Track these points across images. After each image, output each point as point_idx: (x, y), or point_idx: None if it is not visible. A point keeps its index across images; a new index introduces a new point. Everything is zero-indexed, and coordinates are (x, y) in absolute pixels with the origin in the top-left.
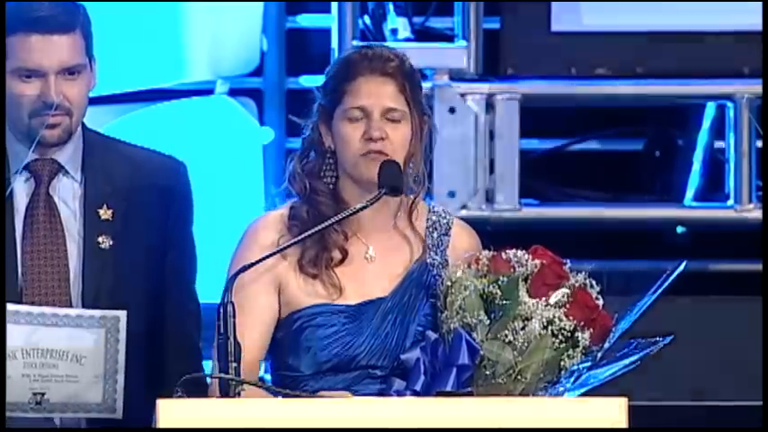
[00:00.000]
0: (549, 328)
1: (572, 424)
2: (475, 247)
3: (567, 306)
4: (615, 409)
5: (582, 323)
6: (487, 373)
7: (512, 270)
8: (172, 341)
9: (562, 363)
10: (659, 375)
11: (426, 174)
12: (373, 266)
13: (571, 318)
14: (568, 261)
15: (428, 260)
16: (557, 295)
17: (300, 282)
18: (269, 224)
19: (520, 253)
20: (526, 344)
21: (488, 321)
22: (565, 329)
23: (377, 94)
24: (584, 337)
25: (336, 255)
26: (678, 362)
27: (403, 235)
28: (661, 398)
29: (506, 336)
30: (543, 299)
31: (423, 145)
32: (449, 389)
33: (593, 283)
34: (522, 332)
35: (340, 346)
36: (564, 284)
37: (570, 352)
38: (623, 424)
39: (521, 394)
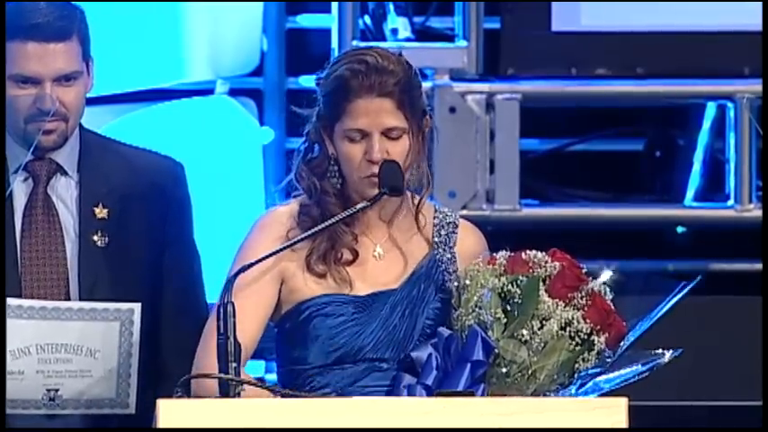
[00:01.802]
0: (567, 329)
1: (572, 424)
2: (482, 248)
3: (586, 309)
4: (615, 409)
5: (598, 327)
6: (502, 371)
7: (530, 271)
8: (169, 341)
9: (576, 365)
10: (659, 375)
11: (430, 174)
12: (381, 263)
13: (588, 321)
14: (584, 266)
15: (437, 256)
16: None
17: (308, 275)
18: (278, 218)
19: (540, 254)
20: (542, 344)
21: (505, 320)
22: (582, 332)
23: (375, 114)
24: (599, 340)
25: (347, 255)
26: (678, 362)
27: (409, 233)
28: (661, 398)
29: (523, 335)
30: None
31: (425, 146)
32: (462, 385)
33: (608, 290)
34: (539, 332)
35: (348, 336)
36: (583, 287)
37: (585, 355)
38: (623, 424)
39: (532, 395)
